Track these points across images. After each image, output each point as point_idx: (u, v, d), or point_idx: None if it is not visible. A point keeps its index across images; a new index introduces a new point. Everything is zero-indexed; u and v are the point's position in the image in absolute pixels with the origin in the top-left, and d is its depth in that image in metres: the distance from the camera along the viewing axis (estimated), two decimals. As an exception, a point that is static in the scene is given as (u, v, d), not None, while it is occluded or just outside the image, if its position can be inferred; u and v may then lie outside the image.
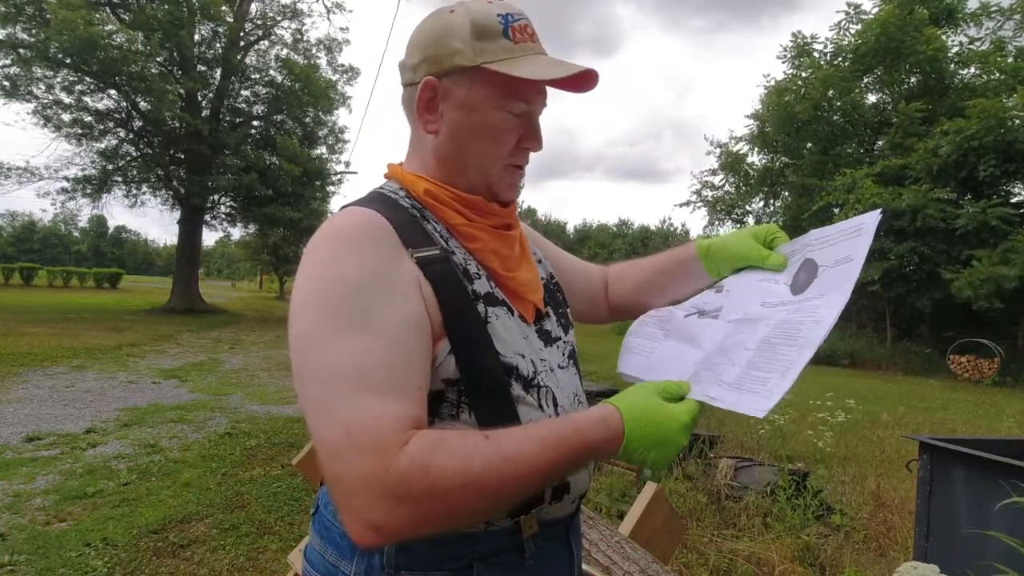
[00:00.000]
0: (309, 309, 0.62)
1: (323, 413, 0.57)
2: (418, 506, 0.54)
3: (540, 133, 0.79)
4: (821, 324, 0.67)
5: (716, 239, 0.93)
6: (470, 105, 0.73)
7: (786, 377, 0.63)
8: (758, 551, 2.81)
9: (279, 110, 20.12)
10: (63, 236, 78.88)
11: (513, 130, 0.75)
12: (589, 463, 0.68)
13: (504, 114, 0.74)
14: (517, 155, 0.78)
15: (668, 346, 0.87)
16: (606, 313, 1.06)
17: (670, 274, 0.97)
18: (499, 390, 0.68)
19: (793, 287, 0.79)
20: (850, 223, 0.79)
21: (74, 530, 2.99)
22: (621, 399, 0.67)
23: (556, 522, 0.77)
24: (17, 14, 14.36)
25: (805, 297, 0.75)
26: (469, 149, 0.75)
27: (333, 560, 0.73)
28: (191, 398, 6.36)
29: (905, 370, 13.40)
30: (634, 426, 0.63)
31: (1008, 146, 12.96)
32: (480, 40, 0.71)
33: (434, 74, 0.74)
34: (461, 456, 0.55)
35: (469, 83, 0.73)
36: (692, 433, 0.68)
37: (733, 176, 21.01)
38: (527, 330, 0.76)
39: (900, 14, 15.13)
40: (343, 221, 0.68)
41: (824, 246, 0.80)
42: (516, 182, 0.80)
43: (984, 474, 1.73)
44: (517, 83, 0.72)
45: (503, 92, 0.73)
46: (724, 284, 0.89)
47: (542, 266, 0.90)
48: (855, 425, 5.02)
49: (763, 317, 0.76)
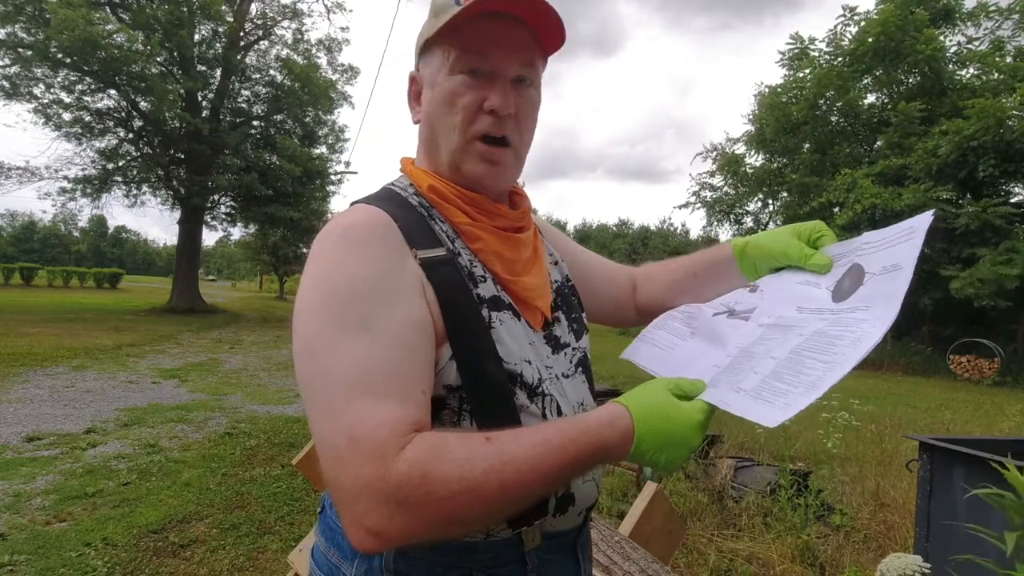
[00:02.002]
0: (314, 311, 0.61)
1: (326, 417, 0.57)
2: (417, 512, 0.53)
3: (506, 93, 0.70)
4: (861, 343, 0.60)
5: (753, 237, 0.88)
6: (431, 80, 0.73)
7: (809, 395, 0.57)
8: (758, 551, 2.81)
9: (279, 110, 20.12)
10: (63, 236, 78.84)
11: (471, 93, 0.70)
12: (598, 465, 0.65)
13: (461, 76, 0.70)
14: (480, 120, 0.71)
15: (691, 345, 0.81)
16: (634, 315, 1.02)
17: (703, 276, 0.93)
18: (502, 398, 0.66)
19: (835, 294, 0.71)
20: (901, 226, 0.71)
21: (74, 530, 2.99)
22: (631, 398, 0.64)
23: (562, 535, 0.74)
24: (17, 14, 14.35)
25: (847, 307, 0.67)
26: (436, 125, 0.73)
27: (336, 561, 0.72)
28: (191, 398, 6.36)
29: (905, 370, 13.40)
30: (644, 426, 0.60)
31: (1007, 146, 12.95)
32: (437, 16, 0.71)
33: (416, 66, 0.77)
34: (460, 460, 0.54)
35: (429, 59, 0.74)
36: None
37: (731, 177, 21.02)
38: (533, 336, 0.73)
39: (900, 14, 15.13)
40: (351, 220, 0.67)
41: (873, 251, 0.72)
42: (493, 158, 0.72)
43: (984, 474, 1.73)
44: (459, 36, 0.69)
45: (452, 53, 0.71)
46: (759, 284, 0.84)
47: (557, 268, 0.87)
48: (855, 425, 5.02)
49: (797, 324, 0.70)
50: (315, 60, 20.45)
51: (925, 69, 15.64)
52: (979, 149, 13.20)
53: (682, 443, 0.61)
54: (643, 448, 0.60)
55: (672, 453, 0.60)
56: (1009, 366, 12.25)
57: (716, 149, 21.59)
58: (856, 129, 18.17)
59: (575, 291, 0.88)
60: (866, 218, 14.20)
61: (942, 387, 11.02)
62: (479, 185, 0.74)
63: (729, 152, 20.87)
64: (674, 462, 0.61)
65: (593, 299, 0.94)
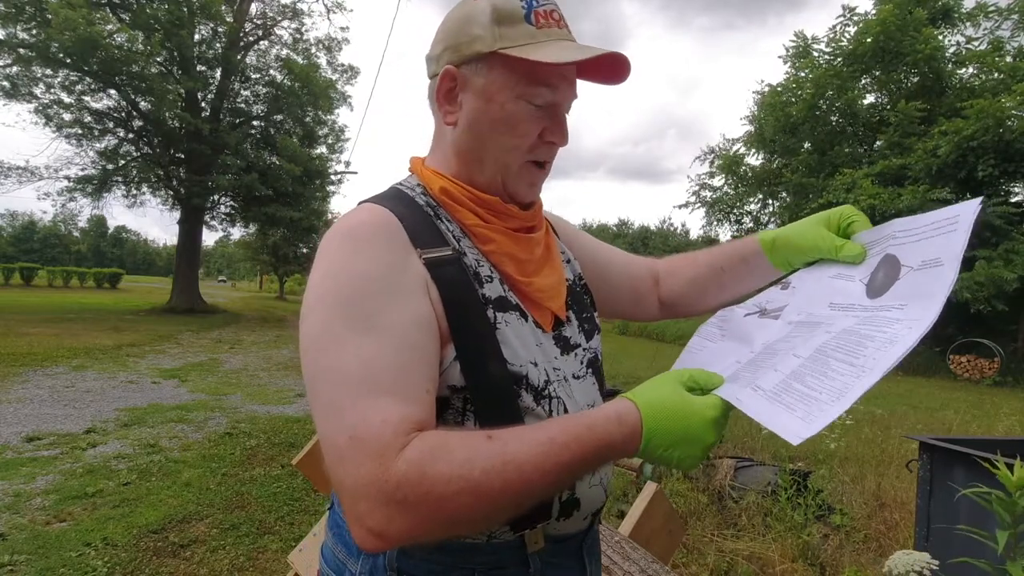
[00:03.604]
0: (320, 309, 0.61)
1: (330, 416, 0.57)
2: (417, 512, 0.52)
3: (565, 126, 0.74)
4: (895, 345, 0.54)
5: (782, 231, 0.84)
6: (488, 94, 0.70)
7: (838, 403, 0.51)
8: (758, 551, 2.81)
9: (279, 110, 20.13)
10: (63, 236, 78.88)
11: (534, 121, 0.71)
12: (606, 464, 0.63)
13: (524, 104, 0.70)
14: (538, 149, 0.73)
15: (719, 346, 0.78)
16: (656, 310, 0.99)
17: (730, 270, 0.90)
18: (505, 400, 0.65)
19: (869, 288, 0.66)
20: (942, 213, 0.65)
21: (74, 530, 2.99)
22: (639, 393, 0.61)
23: (567, 538, 0.73)
24: (18, 14, 14.36)
25: (882, 304, 0.62)
26: (487, 141, 0.71)
27: (342, 558, 0.73)
28: (191, 398, 6.36)
29: (905, 370, 13.38)
30: (653, 423, 0.58)
31: (1007, 146, 12.94)
32: (500, 25, 0.68)
33: (454, 63, 0.71)
34: (461, 460, 0.53)
35: (488, 70, 0.69)
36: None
37: (731, 177, 21.01)
38: (541, 337, 0.72)
39: (899, 14, 15.13)
40: (357, 219, 0.66)
41: (909, 240, 0.66)
42: (536, 182, 0.75)
43: (984, 474, 1.73)
44: (537, 69, 0.68)
45: (523, 79, 0.69)
46: (791, 280, 0.80)
47: (569, 266, 0.85)
48: (855, 425, 5.03)
49: (826, 321, 0.64)
50: (315, 60, 20.47)
51: (924, 69, 15.63)
52: (979, 149, 13.18)
53: (695, 440, 0.58)
54: (653, 445, 0.58)
55: (684, 451, 0.58)
56: (1009, 366, 12.24)
57: (713, 152, 21.61)
58: (856, 129, 18.17)
59: (587, 290, 0.87)
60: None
61: (942, 387, 11.02)
62: (516, 201, 0.75)
63: (729, 153, 20.86)
64: (689, 460, 0.59)
65: (612, 293, 0.92)
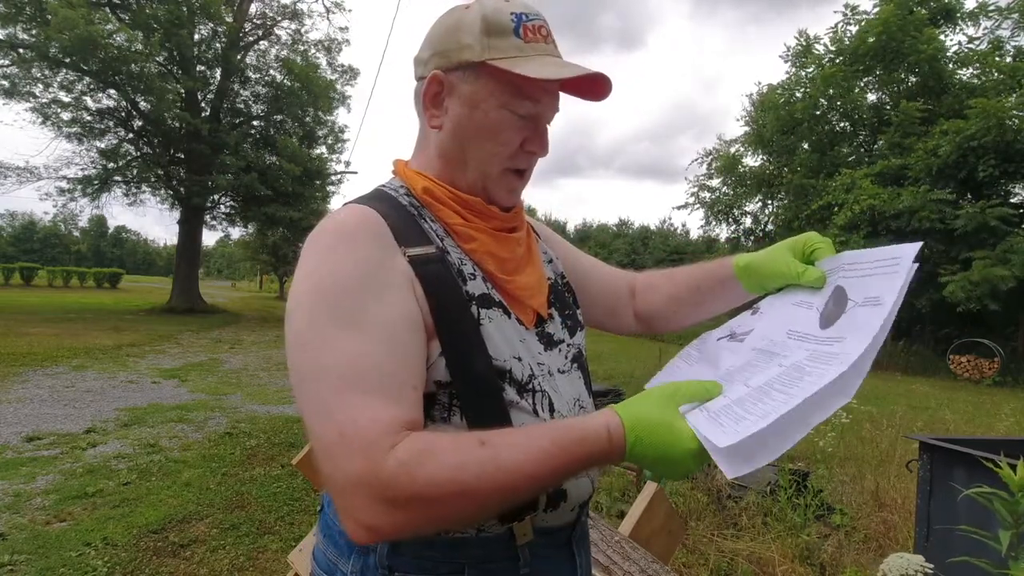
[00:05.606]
0: (305, 307, 0.62)
1: (318, 414, 0.57)
2: (407, 510, 0.54)
3: (546, 138, 0.77)
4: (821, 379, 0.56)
5: (755, 255, 0.86)
6: (474, 101, 0.72)
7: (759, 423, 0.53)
8: (758, 551, 2.81)
9: (279, 110, 20.10)
10: (63, 236, 78.81)
11: (516, 130, 0.74)
12: (590, 471, 0.66)
13: (507, 113, 0.72)
14: (518, 158, 0.75)
15: (694, 369, 0.81)
16: (632, 323, 1.01)
17: (707, 289, 0.92)
18: (490, 394, 0.66)
19: (823, 317, 0.68)
20: (885, 252, 0.66)
21: (74, 530, 2.99)
22: (628, 410, 0.62)
23: (556, 530, 0.75)
24: (17, 14, 14.35)
25: (828, 336, 0.64)
26: (470, 146, 0.74)
27: (333, 558, 0.74)
28: (191, 398, 6.36)
29: (905, 370, 13.38)
30: (638, 448, 0.59)
31: (1007, 146, 12.93)
32: (490, 36, 0.71)
33: (442, 68, 0.73)
34: (452, 464, 0.54)
35: (475, 79, 0.72)
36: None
37: (730, 178, 21.01)
38: (524, 333, 0.74)
39: (900, 14, 15.13)
40: (340, 218, 0.67)
41: (856, 275, 0.68)
42: (516, 188, 0.78)
43: (984, 474, 1.73)
44: (522, 82, 0.71)
45: (508, 90, 0.72)
46: (761, 304, 0.83)
47: (551, 266, 0.88)
48: (855, 425, 5.02)
49: (781, 352, 0.67)
50: (315, 60, 20.46)
51: (925, 69, 15.62)
52: (979, 149, 13.18)
53: (674, 464, 0.59)
54: (635, 460, 0.60)
55: (666, 469, 0.59)
56: (1009, 366, 12.23)
57: (711, 154, 21.63)
58: (856, 129, 18.16)
59: (570, 288, 0.89)
60: (865, 219, 14.20)
61: (942, 387, 11.01)
62: (496, 205, 0.77)
63: (727, 153, 20.86)
64: (670, 476, 0.61)
65: (588, 304, 0.94)
